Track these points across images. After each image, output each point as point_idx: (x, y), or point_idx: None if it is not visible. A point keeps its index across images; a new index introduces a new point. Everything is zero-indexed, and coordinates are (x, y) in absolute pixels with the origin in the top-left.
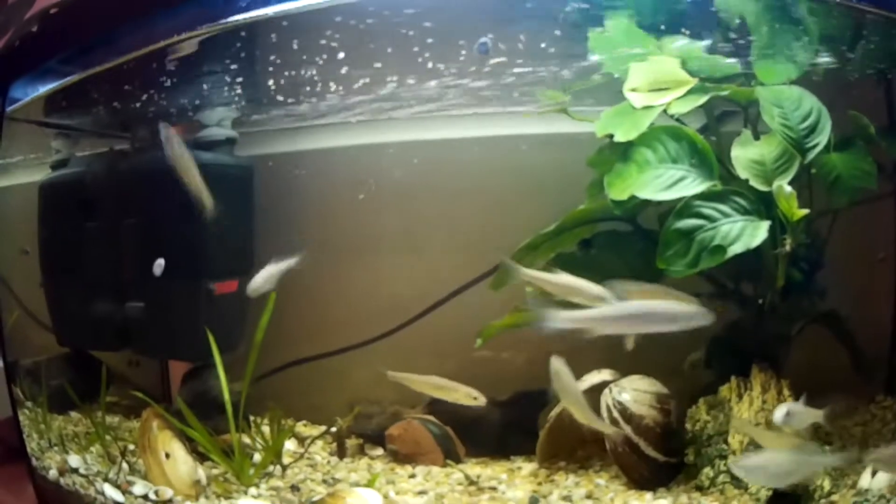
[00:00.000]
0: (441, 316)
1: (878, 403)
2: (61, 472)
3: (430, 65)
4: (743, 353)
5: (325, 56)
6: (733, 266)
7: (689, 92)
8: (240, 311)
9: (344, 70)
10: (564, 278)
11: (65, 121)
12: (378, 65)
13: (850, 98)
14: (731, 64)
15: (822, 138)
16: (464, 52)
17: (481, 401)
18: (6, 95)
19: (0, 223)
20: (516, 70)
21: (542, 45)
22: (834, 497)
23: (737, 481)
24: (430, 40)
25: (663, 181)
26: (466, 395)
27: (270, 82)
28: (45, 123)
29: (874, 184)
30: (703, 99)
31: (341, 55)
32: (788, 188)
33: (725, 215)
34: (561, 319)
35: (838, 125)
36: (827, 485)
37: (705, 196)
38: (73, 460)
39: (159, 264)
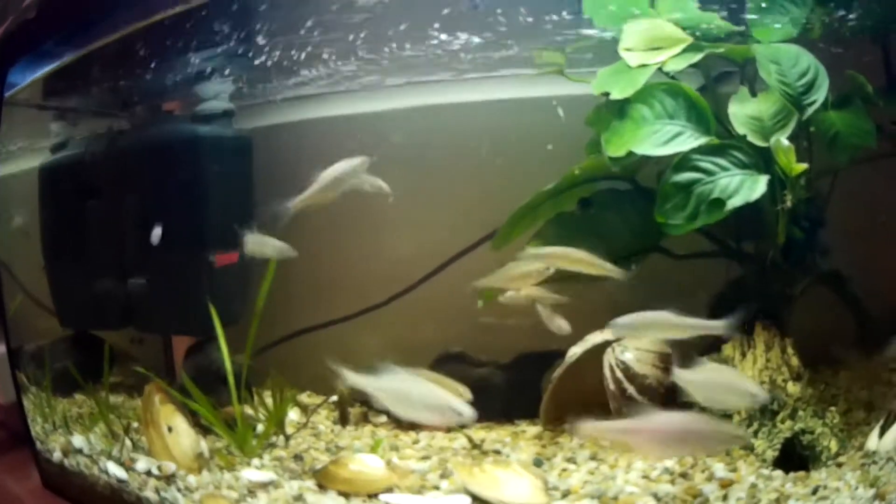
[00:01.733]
0: (443, 281)
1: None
2: (65, 454)
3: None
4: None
5: (320, 23)
6: (734, 223)
7: (685, 50)
8: (241, 283)
9: (339, 36)
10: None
11: (64, 103)
12: (368, 29)
13: (847, 57)
14: (727, 22)
15: (820, 95)
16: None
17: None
18: (5, 80)
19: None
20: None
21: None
22: (841, 458)
23: None
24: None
25: (660, 136)
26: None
27: (266, 52)
28: (44, 106)
29: (873, 142)
30: (698, 56)
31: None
32: (786, 142)
33: (724, 169)
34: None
35: (836, 85)
36: (834, 446)
37: (703, 150)
38: (77, 441)
39: (156, 233)
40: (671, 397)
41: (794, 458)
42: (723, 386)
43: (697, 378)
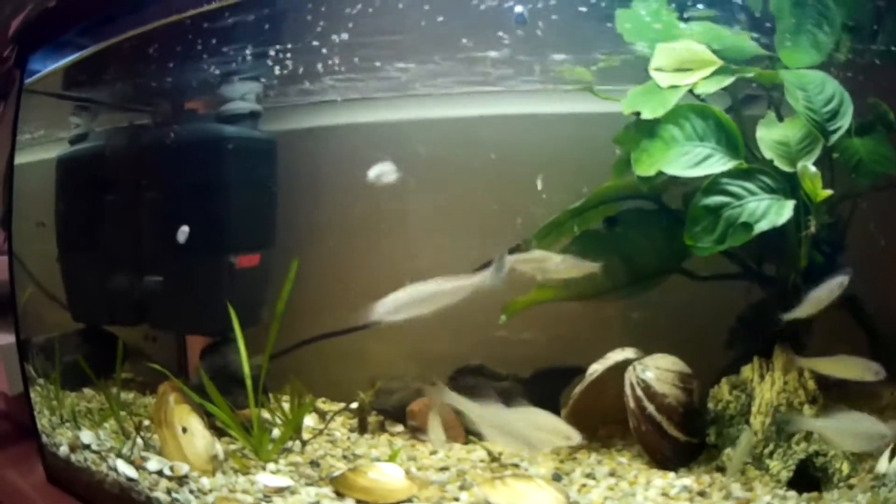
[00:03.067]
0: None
1: None
2: (72, 449)
3: (456, 40)
4: (766, 333)
5: (348, 28)
6: (756, 246)
7: (715, 73)
8: (261, 286)
9: (368, 42)
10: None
11: (86, 94)
12: (401, 38)
13: (871, 84)
14: (756, 47)
15: (845, 122)
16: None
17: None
18: (25, 68)
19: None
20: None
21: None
22: (853, 480)
23: (758, 462)
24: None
25: (690, 158)
26: None
27: (292, 55)
28: (66, 97)
29: (894, 169)
30: (728, 80)
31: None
32: (813, 168)
33: (752, 193)
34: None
35: (857, 111)
36: (846, 468)
37: (732, 174)
38: (86, 436)
39: (184, 231)
40: (690, 417)
41: (808, 478)
42: (860, 433)
43: (834, 425)
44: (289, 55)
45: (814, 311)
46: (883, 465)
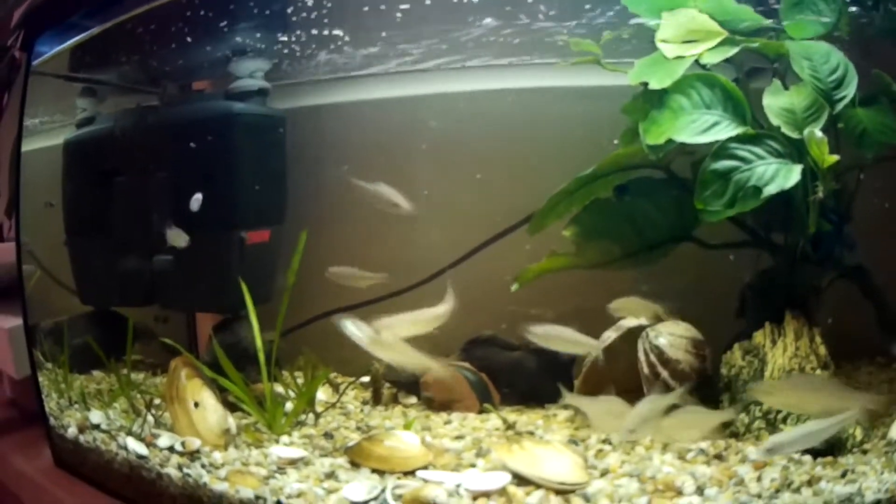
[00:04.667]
0: (477, 264)
1: None
2: (81, 430)
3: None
4: (776, 300)
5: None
6: (765, 214)
7: (720, 44)
8: (272, 262)
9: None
10: None
11: (93, 76)
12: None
13: (875, 57)
14: (760, 17)
15: (850, 91)
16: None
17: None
18: (33, 50)
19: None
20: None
21: None
22: (866, 446)
23: (772, 427)
24: None
25: (698, 126)
26: None
27: (300, 32)
28: (72, 77)
29: None
30: (734, 50)
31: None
32: (819, 133)
33: (760, 157)
34: None
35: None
36: (859, 434)
37: (740, 139)
38: (95, 416)
39: (197, 199)
40: (703, 383)
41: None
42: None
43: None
44: (297, 32)
45: None
46: (895, 431)
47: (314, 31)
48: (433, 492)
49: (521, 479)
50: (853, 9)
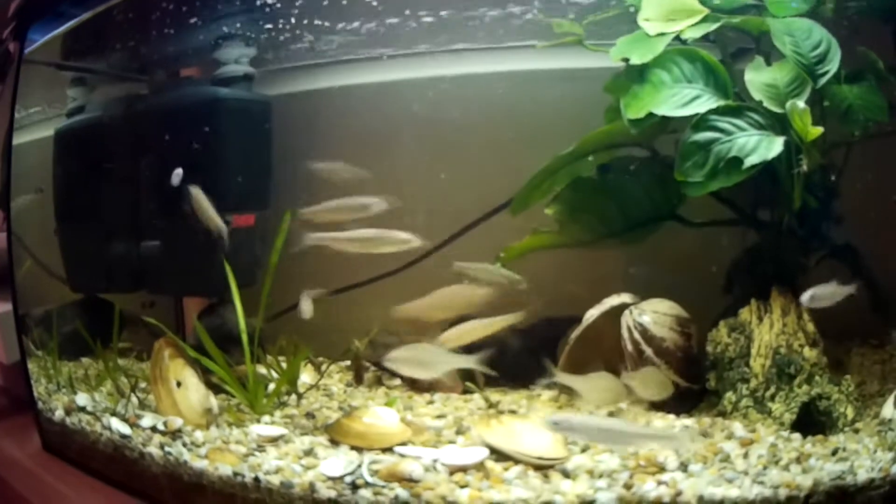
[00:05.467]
0: (461, 247)
1: None
2: (68, 412)
3: None
4: (762, 276)
5: None
6: (749, 189)
7: (701, 20)
8: (257, 246)
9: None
10: None
11: (82, 64)
12: None
13: (859, 36)
14: None
15: (833, 66)
16: None
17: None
18: (25, 38)
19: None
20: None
21: None
22: (858, 425)
23: (760, 405)
24: None
25: (679, 99)
26: None
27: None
28: (62, 65)
29: (886, 117)
30: (714, 26)
31: None
32: (802, 104)
33: (741, 129)
34: None
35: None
36: (850, 412)
37: (721, 111)
38: (81, 399)
39: (177, 174)
40: (688, 362)
41: (812, 422)
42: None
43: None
44: (283, 17)
45: None
46: (888, 410)
47: (297, 19)
48: (409, 466)
49: (499, 455)
50: None
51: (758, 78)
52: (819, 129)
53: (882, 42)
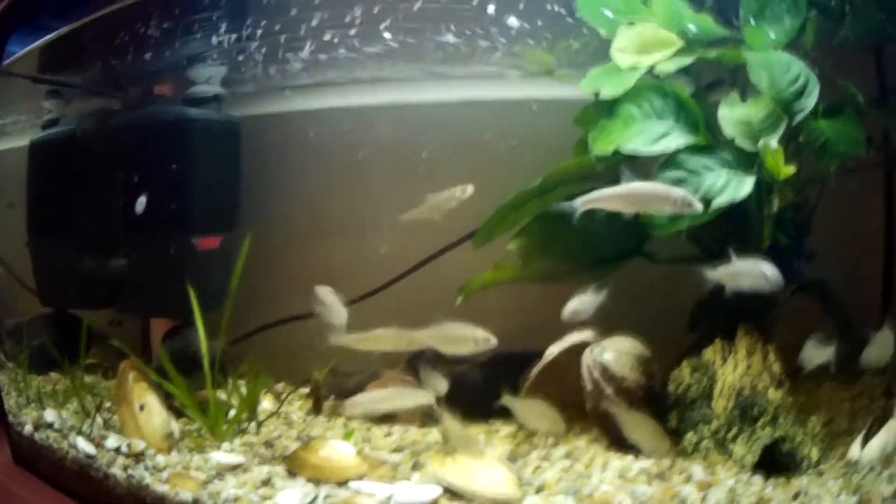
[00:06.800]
0: (424, 277)
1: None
2: (36, 427)
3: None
4: (729, 315)
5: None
6: (718, 227)
7: (677, 53)
8: (223, 269)
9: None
10: None
11: (57, 77)
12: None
13: (839, 68)
14: (719, 27)
15: (810, 102)
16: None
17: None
18: (4, 50)
19: None
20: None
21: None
22: (822, 467)
23: (721, 447)
24: None
25: (648, 135)
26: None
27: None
28: (39, 79)
29: (863, 151)
30: (689, 59)
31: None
32: (775, 144)
33: (710, 169)
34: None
35: (827, 95)
36: (815, 454)
37: (690, 150)
38: (49, 415)
39: (141, 202)
40: (649, 400)
41: (775, 464)
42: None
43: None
44: (254, 40)
45: None
46: (855, 451)
47: (271, 40)
48: (364, 502)
49: (453, 493)
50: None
51: (731, 114)
52: (791, 169)
53: (864, 73)
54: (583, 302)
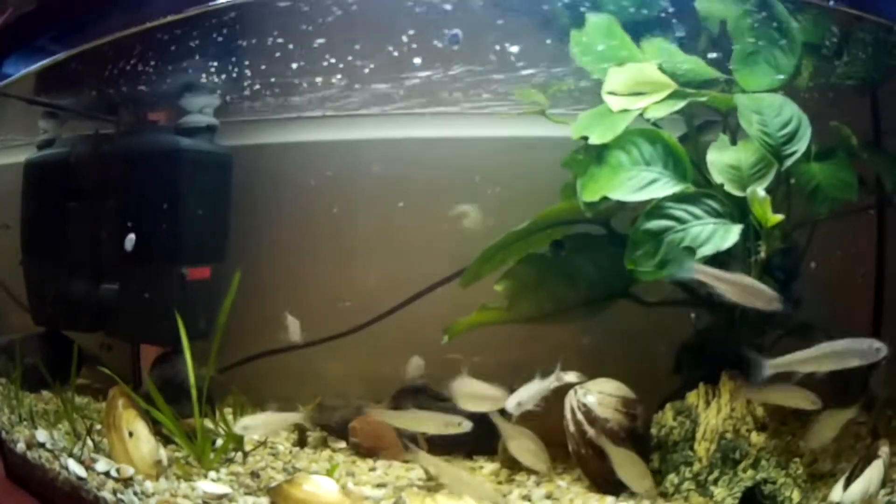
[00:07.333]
0: (410, 314)
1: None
2: (29, 446)
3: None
4: (713, 360)
5: (305, 46)
6: None
7: (668, 97)
8: (211, 299)
9: (323, 62)
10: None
11: (54, 100)
12: (356, 57)
13: (834, 109)
14: (712, 69)
15: (801, 146)
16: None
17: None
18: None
19: None
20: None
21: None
22: None
23: (702, 489)
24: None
25: (635, 183)
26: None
27: (250, 72)
28: (35, 101)
29: (854, 195)
30: (681, 104)
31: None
32: (762, 192)
33: (696, 217)
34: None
35: (821, 136)
36: (796, 496)
37: (677, 198)
38: (41, 435)
39: (130, 239)
40: (632, 442)
41: None
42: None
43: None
44: (247, 72)
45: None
46: (837, 493)
47: (265, 71)
48: None
49: None
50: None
51: (721, 159)
52: (779, 217)
53: (860, 115)
54: (528, 392)
